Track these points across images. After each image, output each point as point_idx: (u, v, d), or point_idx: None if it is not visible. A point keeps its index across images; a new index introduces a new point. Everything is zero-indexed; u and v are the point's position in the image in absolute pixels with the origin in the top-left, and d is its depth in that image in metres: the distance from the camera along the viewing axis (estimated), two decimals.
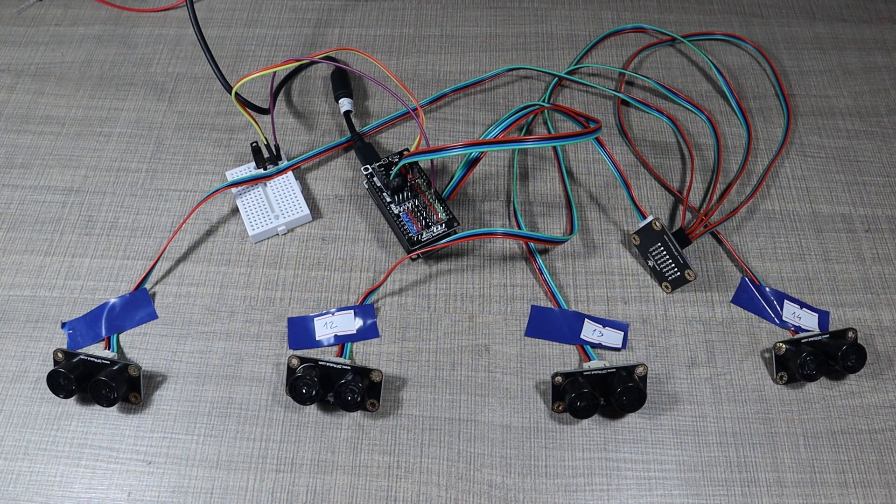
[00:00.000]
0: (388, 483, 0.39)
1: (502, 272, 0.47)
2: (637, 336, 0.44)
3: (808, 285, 0.47)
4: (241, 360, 0.43)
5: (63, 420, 0.41)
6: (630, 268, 0.47)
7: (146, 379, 0.42)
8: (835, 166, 0.52)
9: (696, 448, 0.41)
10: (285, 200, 0.48)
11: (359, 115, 0.54)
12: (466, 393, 0.42)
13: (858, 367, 0.41)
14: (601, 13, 0.61)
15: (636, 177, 0.51)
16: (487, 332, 0.44)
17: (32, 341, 0.44)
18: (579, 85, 0.56)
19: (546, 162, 0.52)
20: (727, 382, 0.43)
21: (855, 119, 0.55)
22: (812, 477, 0.40)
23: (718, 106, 0.55)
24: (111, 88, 0.56)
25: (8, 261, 0.47)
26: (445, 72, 0.57)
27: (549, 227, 0.49)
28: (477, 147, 0.44)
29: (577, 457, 0.40)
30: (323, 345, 0.44)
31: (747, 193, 0.50)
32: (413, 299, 0.45)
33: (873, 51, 0.59)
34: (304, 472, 0.40)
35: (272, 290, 0.46)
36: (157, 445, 0.40)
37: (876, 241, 0.49)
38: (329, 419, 0.41)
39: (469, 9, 0.61)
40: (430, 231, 0.45)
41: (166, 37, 0.59)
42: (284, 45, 0.58)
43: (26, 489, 0.39)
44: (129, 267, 0.46)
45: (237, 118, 0.54)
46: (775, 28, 0.60)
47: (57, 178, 0.50)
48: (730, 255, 0.48)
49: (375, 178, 0.47)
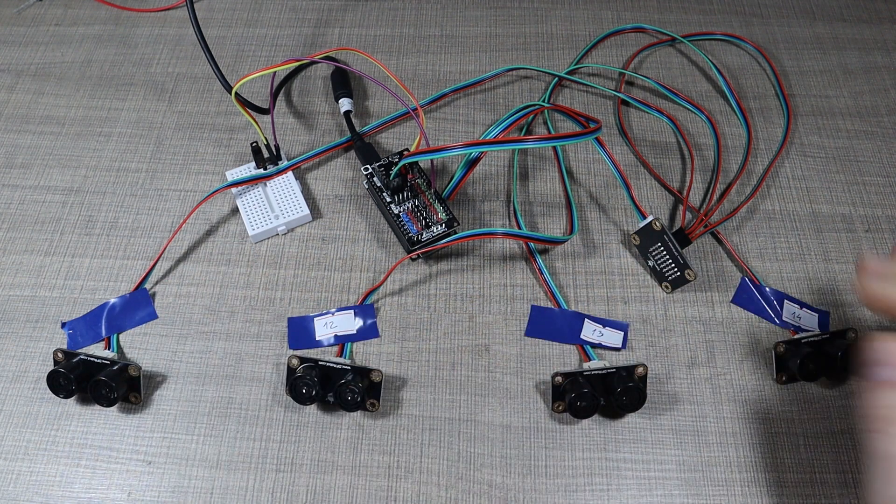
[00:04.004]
0: (388, 483, 0.39)
1: (502, 272, 0.47)
2: (637, 336, 0.44)
3: (808, 285, 0.47)
4: (241, 360, 0.43)
5: (63, 420, 0.41)
6: (630, 268, 0.47)
7: (146, 379, 0.42)
8: (835, 166, 0.52)
9: (696, 448, 0.41)
10: (285, 200, 0.48)
11: (359, 115, 0.54)
12: (466, 393, 0.42)
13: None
14: (601, 13, 0.61)
15: (636, 177, 0.51)
16: (487, 332, 0.44)
17: (32, 341, 0.44)
18: (579, 85, 0.56)
19: (546, 162, 0.52)
20: (727, 382, 0.43)
21: (855, 119, 0.55)
22: (812, 477, 0.40)
23: (718, 106, 0.55)
24: (111, 88, 0.56)
25: (8, 261, 0.47)
26: (445, 72, 0.57)
27: (549, 227, 0.49)
28: (477, 147, 0.44)
29: (577, 457, 0.40)
30: (323, 345, 0.44)
31: (747, 193, 0.50)
32: (413, 299, 0.45)
33: (873, 51, 0.59)
34: (304, 472, 0.40)
35: (272, 290, 0.46)
36: (157, 445, 0.40)
37: (876, 241, 0.49)
38: (329, 419, 0.41)
39: (469, 9, 0.61)
40: (430, 231, 0.45)
41: (166, 37, 0.59)
42: (284, 45, 0.58)
43: (26, 489, 0.39)
44: (129, 267, 0.46)
45: (237, 118, 0.54)
46: (775, 28, 0.60)
47: (57, 178, 0.51)
48: (730, 255, 0.48)
49: (375, 178, 0.47)
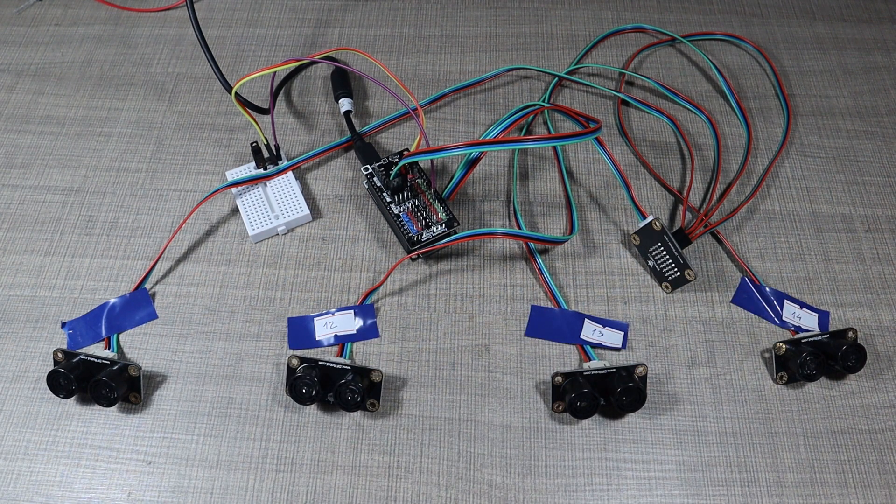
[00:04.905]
0: (388, 483, 0.39)
1: (502, 272, 0.47)
2: (637, 336, 0.44)
3: (808, 285, 0.47)
4: (241, 360, 0.43)
5: (63, 420, 0.41)
6: (630, 268, 0.47)
7: (146, 379, 0.42)
8: (835, 166, 0.52)
9: (696, 448, 0.41)
10: (285, 200, 0.48)
11: (359, 115, 0.54)
12: (466, 393, 0.42)
13: (858, 367, 0.41)
14: (601, 13, 0.61)
15: (636, 177, 0.51)
16: (487, 332, 0.44)
17: (32, 341, 0.44)
18: (579, 85, 0.56)
19: (546, 162, 0.52)
20: (727, 382, 0.43)
21: (855, 119, 0.55)
22: (812, 477, 0.40)
23: (718, 106, 0.55)
24: (111, 88, 0.56)
25: (8, 261, 0.47)
26: (445, 72, 0.57)
27: (549, 227, 0.49)
28: (477, 147, 0.44)
29: (577, 457, 0.40)
30: (323, 345, 0.44)
31: (747, 193, 0.50)
32: (413, 299, 0.45)
33: (873, 51, 0.59)
34: (304, 472, 0.40)
35: (272, 290, 0.46)
36: (157, 445, 0.40)
37: (876, 241, 0.49)
38: (329, 419, 0.41)
39: (469, 9, 0.61)
40: (430, 231, 0.45)
41: (166, 37, 0.59)
42: (284, 45, 0.58)
43: (26, 489, 0.39)
44: (129, 267, 0.46)
45: (237, 118, 0.54)
46: (775, 28, 0.60)
47: (57, 178, 0.50)
48: (730, 255, 0.48)
49: (375, 178, 0.47)
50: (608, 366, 0.41)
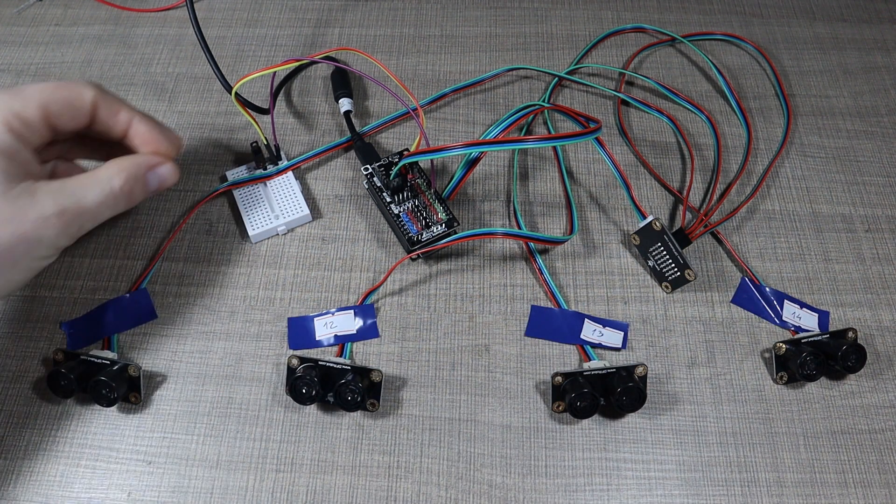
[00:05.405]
0: (388, 483, 0.39)
1: (502, 272, 0.47)
2: (637, 336, 0.44)
3: (808, 285, 0.47)
4: (241, 360, 0.43)
5: (63, 420, 0.41)
6: (630, 268, 0.47)
7: (146, 379, 0.42)
8: (835, 166, 0.52)
9: (696, 448, 0.41)
10: (285, 200, 0.48)
11: (359, 115, 0.54)
12: (466, 393, 0.42)
13: (858, 367, 0.41)
14: (601, 13, 0.61)
15: (636, 177, 0.51)
16: (487, 332, 0.44)
17: (32, 341, 0.44)
18: (579, 85, 0.56)
19: (546, 162, 0.52)
20: (727, 382, 0.43)
21: (855, 119, 0.55)
22: (812, 477, 0.40)
23: (718, 106, 0.55)
24: (111, 88, 0.55)
25: None
26: (445, 72, 0.57)
27: (549, 227, 0.49)
28: (477, 147, 0.44)
29: (577, 457, 0.40)
30: (323, 345, 0.44)
31: (747, 193, 0.50)
32: (413, 299, 0.45)
33: (873, 51, 0.59)
34: (304, 472, 0.40)
35: (272, 290, 0.46)
36: (157, 445, 0.40)
37: (876, 241, 0.49)
38: (329, 419, 0.41)
39: (469, 9, 0.61)
40: (430, 231, 0.45)
41: (166, 37, 0.59)
42: (284, 45, 0.58)
43: (26, 489, 0.39)
44: (129, 267, 0.46)
45: (237, 118, 0.54)
46: (775, 28, 0.60)
47: None
48: (730, 255, 0.48)
49: (375, 178, 0.47)
50: (608, 366, 0.41)
